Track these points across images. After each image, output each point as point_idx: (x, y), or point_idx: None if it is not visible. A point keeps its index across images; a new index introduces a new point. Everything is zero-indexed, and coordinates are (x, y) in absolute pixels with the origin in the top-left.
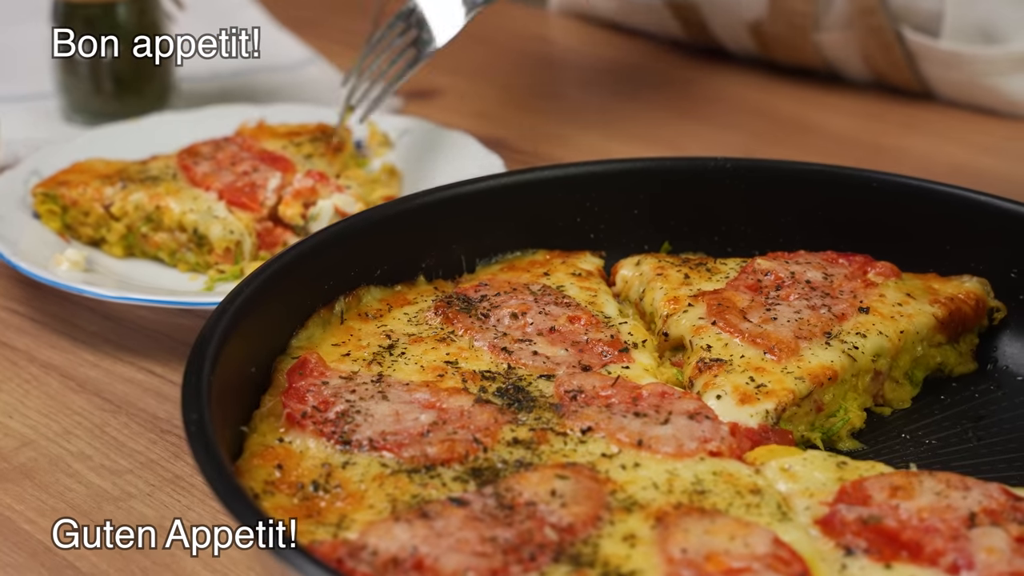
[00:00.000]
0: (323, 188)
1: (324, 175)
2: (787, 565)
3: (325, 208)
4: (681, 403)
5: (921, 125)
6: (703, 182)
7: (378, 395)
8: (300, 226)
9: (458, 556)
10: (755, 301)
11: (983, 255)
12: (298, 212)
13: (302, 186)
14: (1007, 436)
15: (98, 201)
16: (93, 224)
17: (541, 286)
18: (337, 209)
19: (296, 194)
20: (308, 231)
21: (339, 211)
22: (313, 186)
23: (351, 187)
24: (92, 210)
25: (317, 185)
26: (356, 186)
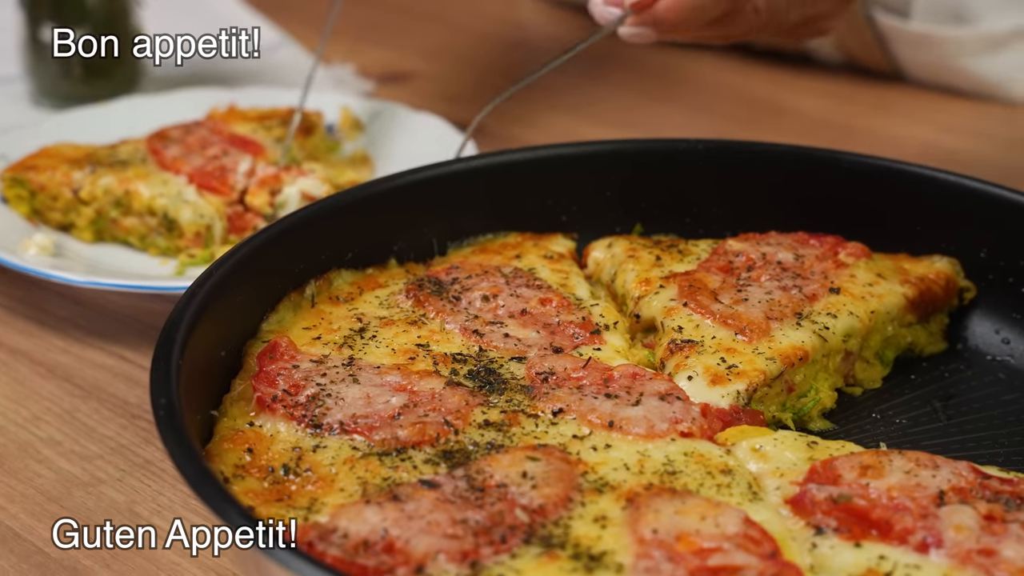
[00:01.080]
0: (287, 175)
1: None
2: (758, 545)
3: (291, 194)
4: (652, 384)
5: (892, 106)
6: (675, 164)
7: (349, 378)
8: (269, 214)
9: (429, 538)
10: (726, 282)
11: (953, 235)
12: (265, 201)
13: (266, 174)
14: (976, 415)
15: (67, 185)
16: (62, 209)
17: (512, 268)
18: (304, 194)
19: (261, 183)
20: (277, 219)
21: (306, 195)
22: (277, 173)
23: (315, 170)
24: (61, 195)
25: (281, 172)
26: (321, 168)
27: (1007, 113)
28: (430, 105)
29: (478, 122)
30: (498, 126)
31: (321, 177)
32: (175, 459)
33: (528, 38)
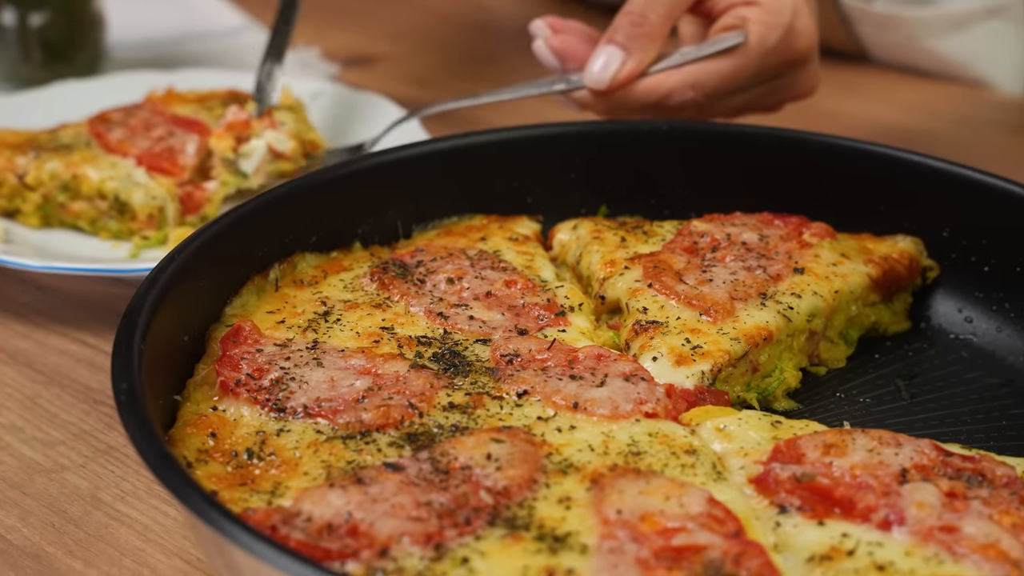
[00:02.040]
0: (257, 123)
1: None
2: (721, 524)
3: (258, 147)
4: (617, 365)
5: (857, 87)
6: (640, 145)
7: (313, 362)
8: (230, 159)
9: (393, 521)
10: (691, 263)
11: (917, 215)
12: (229, 146)
13: (236, 119)
14: (939, 393)
15: (11, 171)
16: (7, 195)
17: (477, 251)
18: (270, 148)
19: (229, 127)
20: (238, 167)
21: (272, 150)
22: (247, 119)
23: (285, 124)
24: (5, 180)
25: (251, 119)
26: (291, 122)
27: (971, 93)
28: (397, 88)
29: (419, 115)
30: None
31: (290, 132)
32: (136, 444)
33: (494, 20)
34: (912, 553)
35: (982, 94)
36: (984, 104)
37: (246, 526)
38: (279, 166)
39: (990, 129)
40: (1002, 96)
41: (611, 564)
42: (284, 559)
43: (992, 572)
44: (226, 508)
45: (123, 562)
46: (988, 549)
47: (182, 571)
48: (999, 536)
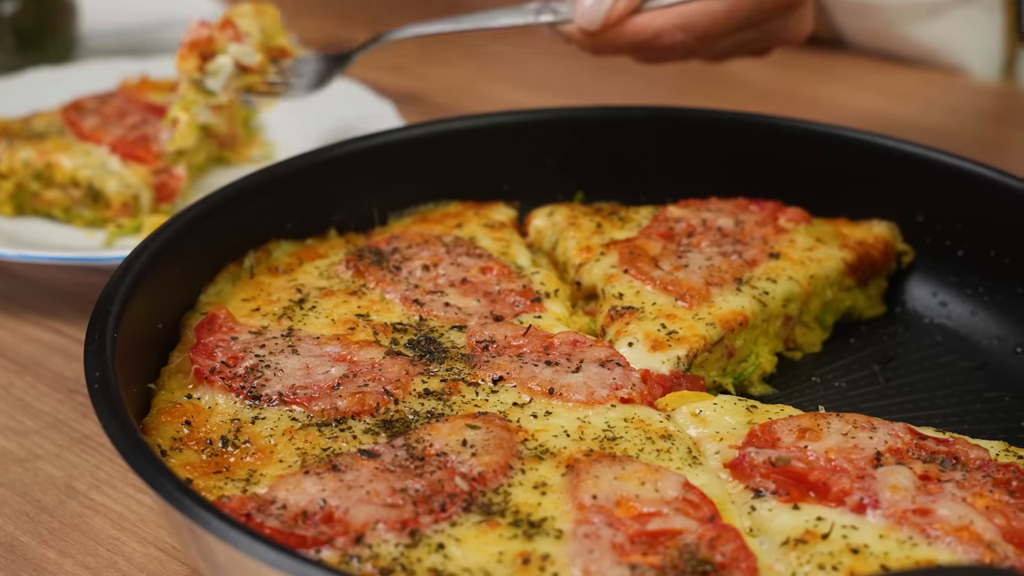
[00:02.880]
0: (220, 37)
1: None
2: (697, 509)
3: (224, 64)
4: (593, 351)
5: (834, 73)
6: (616, 131)
7: (288, 349)
8: (197, 79)
9: (368, 508)
10: (667, 249)
11: (891, 199)
12: (194, 65)
13: (198, 36)
14: (914, 377)
15: None
16: None
17: (453, 237)
18: (237, 63)
19: (192, 45)
20: (205, 85)
21: (239, 64)
22: (210, 35)
23: (251, 34)
24: None
25: (215, 33)
26: (257, 33)
27: (946, 79)
28: (372, 76)
29: (392, 37)
30: (440, 95)
31: (256, 43)
32: (109, 432)
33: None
34: (886, 536)
35: (958, 80)
36: (960, 90)
37: (220, 513)
38: (247, 80)
39: (966, 115)
40: (977, 82)
41: (586, 549)
42: (258, 546)
43: (966, 554)
44: (200, 496)
45: (98, 551)
46: (962, 531)
47: (157, 559)
48: (973, 518)
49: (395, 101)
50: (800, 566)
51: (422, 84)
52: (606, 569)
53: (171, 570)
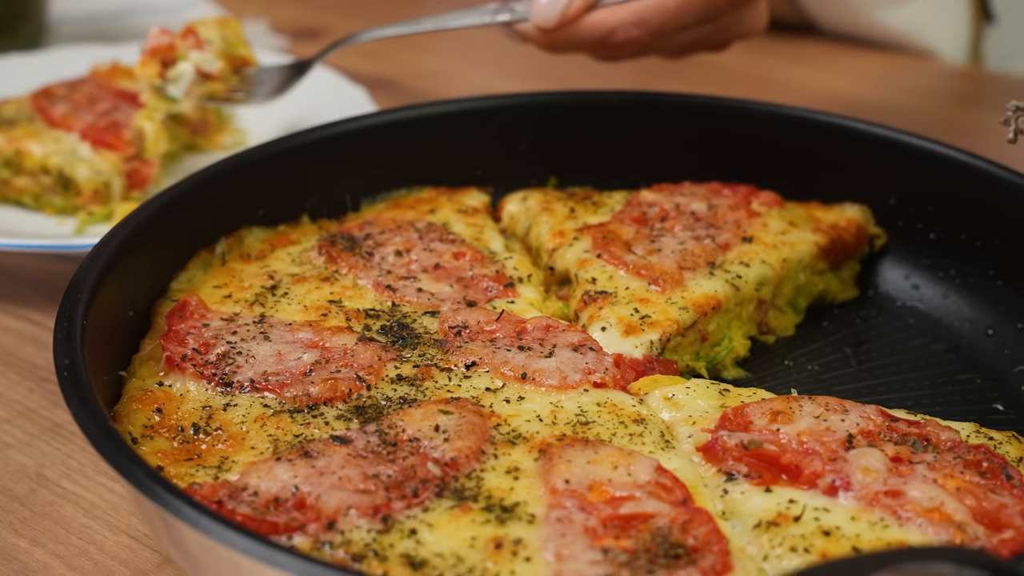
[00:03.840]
0: (182, 44)
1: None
2: (669, 492)
3: (185, 71)
4: (565, 336)
5: (805, 58)
6: (589, 115)
7: (260, 336)
8: (159, 86)
9: (340, 494)
10: (640, 233)
11: (864, 183)
12: (156, 72)
13: (158, 43)
14: (887, 359)
15: None
16: None
17: (426, 223)
18: (198, 70)
19: (152, 52)
20: (166, 92)
21: (200, 71)
22: (171, 43)
23: (212, 42)
24: None
25: (176, 41)
26: (218, 41)
27: (916, 63)
28: (346, 61)
29: (354, 41)
30: (413, 81)
31: (217, 51)
32: (79, 420)
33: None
34: (858, 518)
35: (927, 64)
36: (929, 73)
37: (191, 501)
38: (209, 87)
39: (936, 98)
40: (948, 66)
41: (559, 533)
42: (229, 533)
43: (937, 535)
44: (171, 483)
45: (69, 540)
46: (932, 513)
47: (129, 547)
48: (943, 499)
49: (368, 87)
50: (772, 548)
51: (396, 70)
52: (578, 553)
53: (143, 558)
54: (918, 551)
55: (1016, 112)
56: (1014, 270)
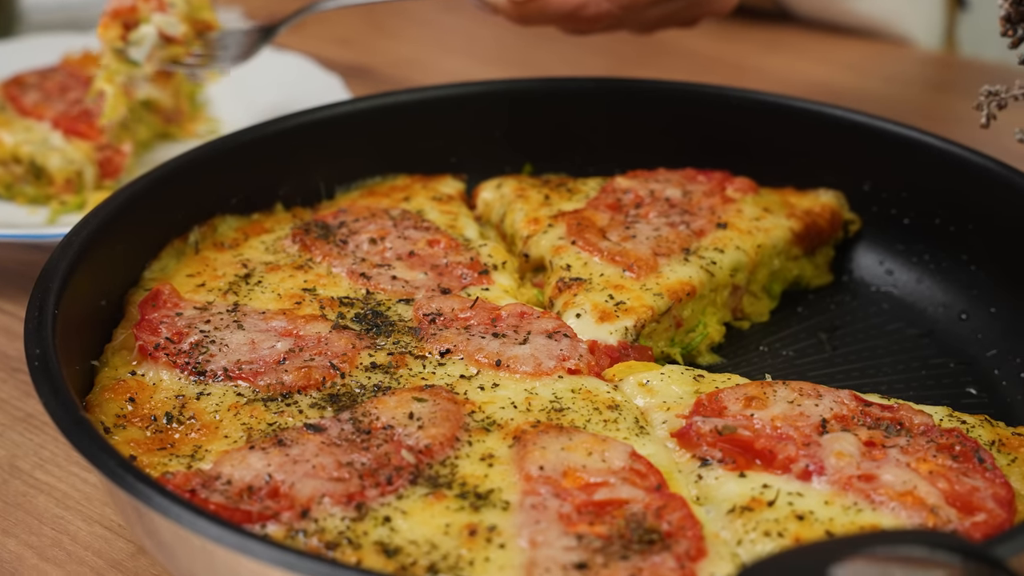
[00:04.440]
0: (144, 6)
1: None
2: (643, 478)
3: (148, 33)
4: (540, 323)
5: (780, 44)
6: (564, 102)
7: (233, 324)
8: (119, 48)
9: (314, 482)
10: (615, 220)
11: (838, 168)
12: (117, 35)
13: (120, 5)
14: (861, 344)
15: None
16: None
17: (401, 211)
18: (161, 33)
19: (115, 14)
20: (128, 55)
21: (163, 35)
22: (134, 5)
23: (176, 5)
24: None
25: (139, 3)
26: (182, 4)
27: (891, 49)
28: (322, 49)
29: (316, 9)
30: (389, 68)
31: (180, 14)
32: (50, 409)
33: None
34: (831, 502)
35: (902, 50)
36: (904, 60)
37: (163, 490)
38: (171, 51)
39: (910, 84)
40: (921, 52)
41: (533, 520)
42: (201, 522)
43: (909, 519)
44: (143, 472)
45: (42, 530)
46: (905, 496)
47: (103, 537)
48: (916, 483)
49: (343, 75)
50: (746, 533)
51: (371, 57)
52: (553, 539)
53: (117, 548)
54: (890, 535)
55: (989, 97)
56: (987, 255)
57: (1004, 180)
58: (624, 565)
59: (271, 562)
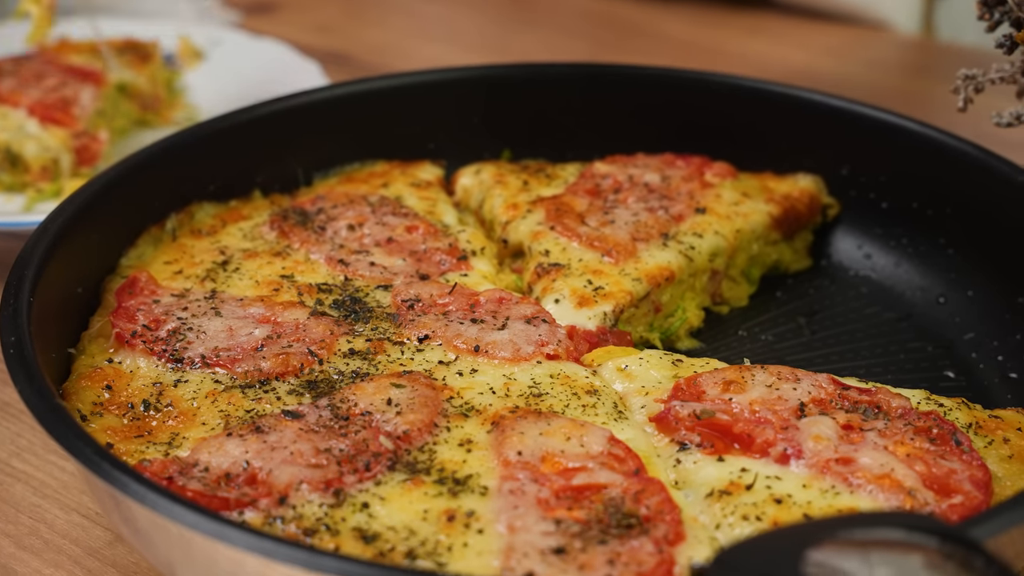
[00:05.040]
0: None
1: None
2: (622, 463)
3: None
4: (519, 308)
5: (762, 30)
6: (542, 88)
7: (211, 311)
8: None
9: (292, 468)
10: (593, 205)
11: (817, 153)
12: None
13: None
14: (839, 328)
15: None
16: None
17: (379, 197)
18: None
19: None
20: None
21: None
22: None
23: None
24: None
25: None
26: None
27: (870, 34)
28: (300, 36)
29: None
30: (367, 55)
31: None
32: (25, 397)
33: None
34: (809, 486)
35: (881, 35)
36: (883, 44)
37: (140, 477)
38: None
39: (889, 69)
40: (900, 36)
41: (511, 505)
42: (178, 509)
43: (887, 501)
44: (118, 459)
45: (19, 519)
46: (883, 479)
47: (80, 525)
48: (894, 466)
49: (322, 62)
50: (724, 517)
51: (350, 44)
52: (531, 524)
53: (94, 536)
54: (867, 517)
55: (966, 81)
56: (965, 238)
57: (981, 164)
58: (602, 549)
59: (248, 549)
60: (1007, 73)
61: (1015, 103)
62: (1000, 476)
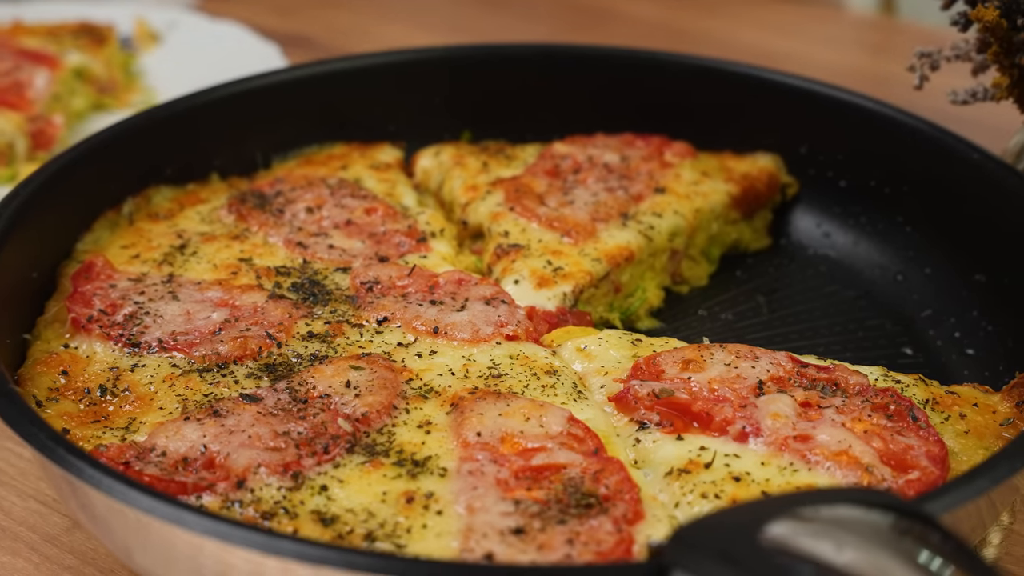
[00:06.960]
0: None
1: None
2: (581, 442)
3: None
4: (478, 289)
5: (723, 10)
6: (502, 69)
7: (168, 295)
8: None
9: (250, 452)
10: (553, 186)
11: (776, 132)
12: None
13: None
14: (799, 307)
15: None
16: None
17: (338, 179)
18: None
19: None
20: None
21: None
22: None
23: None
24: None
25: None
26: None
27: (828, 13)
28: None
29: None
30: (329, 37)
31: None
32: None
33: None
34: (767, 463)
35: (840, 13)
36: (841, 23)
37: (94, 462)
38: None
39: (847, 47)
40: (858, 15)
41: (470, 486)
42: (133, 494)
43: (845, 478)
44: (74, 445)
45: None
46: (840, 456)
47: (37, 512)
48: (851, 442)
49: (282, 44)
50: (683, 495)
51: (311, 27)
52: (490, 505)
53: (52, 522)
54: (824, 493)
55: (922, 59)
56: (923, 216)
57: (937, 142)
58: (561, 529)
59: (206, 533)
60: (962, 51)
61: (971, 81)
62: (957, 451)
